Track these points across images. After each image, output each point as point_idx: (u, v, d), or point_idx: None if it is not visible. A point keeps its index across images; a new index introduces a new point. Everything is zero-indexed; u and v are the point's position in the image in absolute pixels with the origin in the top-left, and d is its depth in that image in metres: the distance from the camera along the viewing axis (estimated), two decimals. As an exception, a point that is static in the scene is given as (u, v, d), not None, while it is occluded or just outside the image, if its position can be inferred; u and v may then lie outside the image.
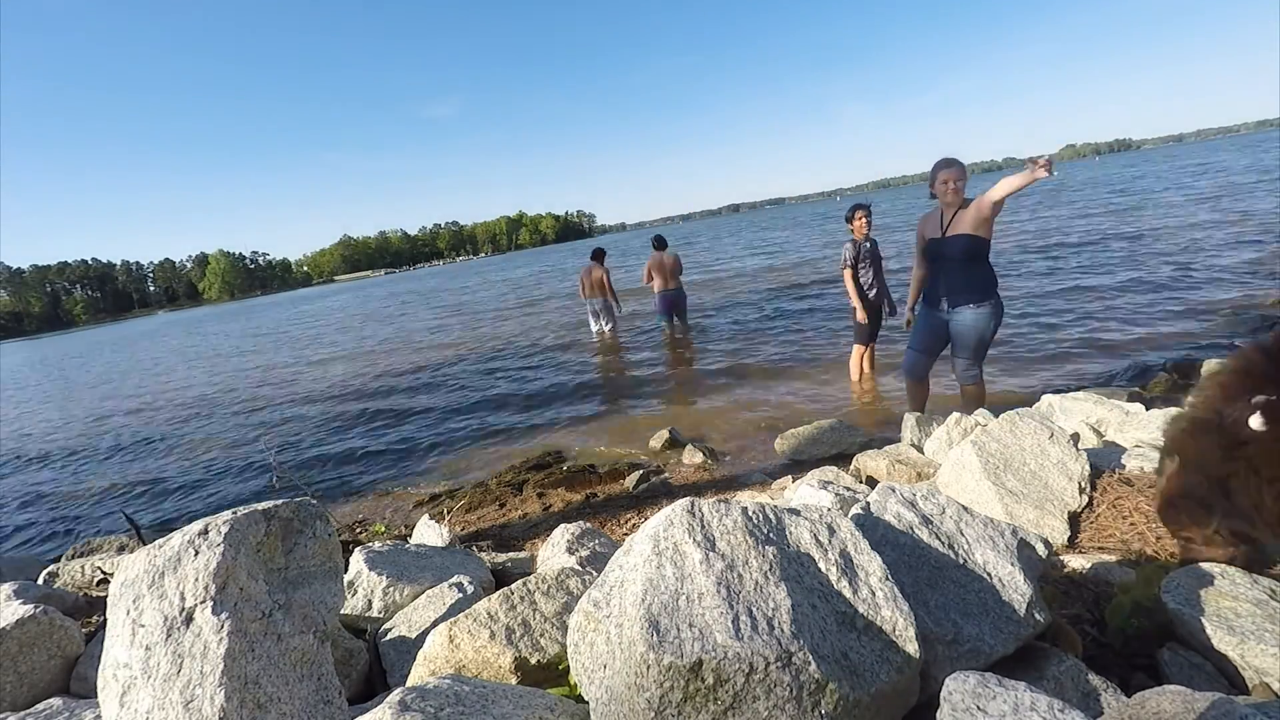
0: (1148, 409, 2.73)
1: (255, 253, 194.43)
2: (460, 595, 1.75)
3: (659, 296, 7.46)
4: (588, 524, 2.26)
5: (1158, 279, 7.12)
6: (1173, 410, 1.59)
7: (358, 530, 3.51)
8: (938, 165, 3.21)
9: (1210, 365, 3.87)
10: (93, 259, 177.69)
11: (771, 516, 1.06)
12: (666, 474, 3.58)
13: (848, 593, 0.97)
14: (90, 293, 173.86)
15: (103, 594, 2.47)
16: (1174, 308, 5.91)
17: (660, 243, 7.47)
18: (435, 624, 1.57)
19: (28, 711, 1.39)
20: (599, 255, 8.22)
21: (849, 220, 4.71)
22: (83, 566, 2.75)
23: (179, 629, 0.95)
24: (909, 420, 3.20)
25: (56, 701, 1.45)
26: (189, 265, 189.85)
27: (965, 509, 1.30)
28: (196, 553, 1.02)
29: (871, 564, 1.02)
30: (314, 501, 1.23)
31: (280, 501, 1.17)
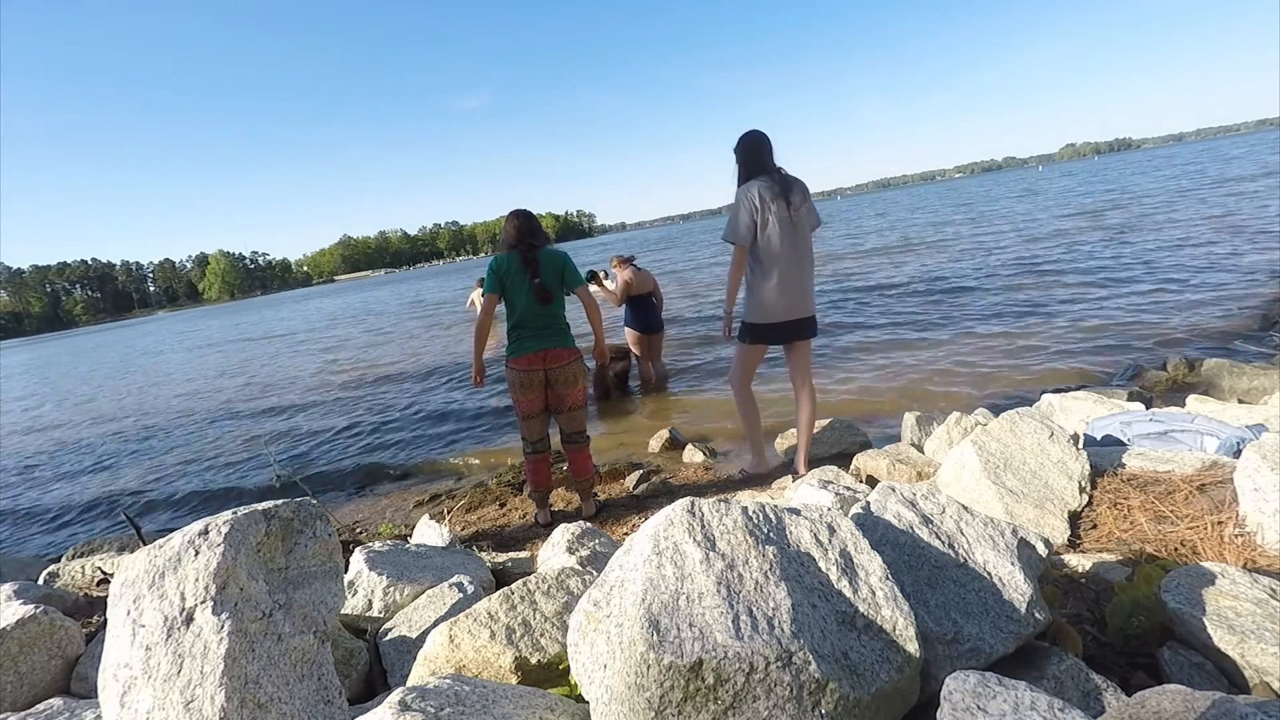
0: (1148, 408, 2.73)
1: (255, 253, 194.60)
2: (460, 595, 1.75)
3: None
4: (588, 524, 2.26)
5: (1158, 278, 7.12)
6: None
7: (358, 530, 3.51)
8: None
9: (1210, 364, 3.86)
10: (93, 259, 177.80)
11: (771, 516, 1.06)
12: (666, 474, 3.57)
13: (848, 592, 0.97)
14: (90, 293, 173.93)
15: (103, 594, 2.47)
16: (1174, 307, 5.91)
17: None
18: (435, 624, 1.57)
19: (28, 711, 1.39)
20: None
21: None
22: (83, 566, 2.75)
23: (179, 629, 0.95)
24: (909, 420, 3.20)
25: (57, 701, 1.45)
26: (189, 265, 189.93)
27: (965, 508, 1.30)
28: (197, 553, 1.02)
29: (871, 563, 1.02)
30: (314, 501, 1.23)
31: (280, 502, 1.17)
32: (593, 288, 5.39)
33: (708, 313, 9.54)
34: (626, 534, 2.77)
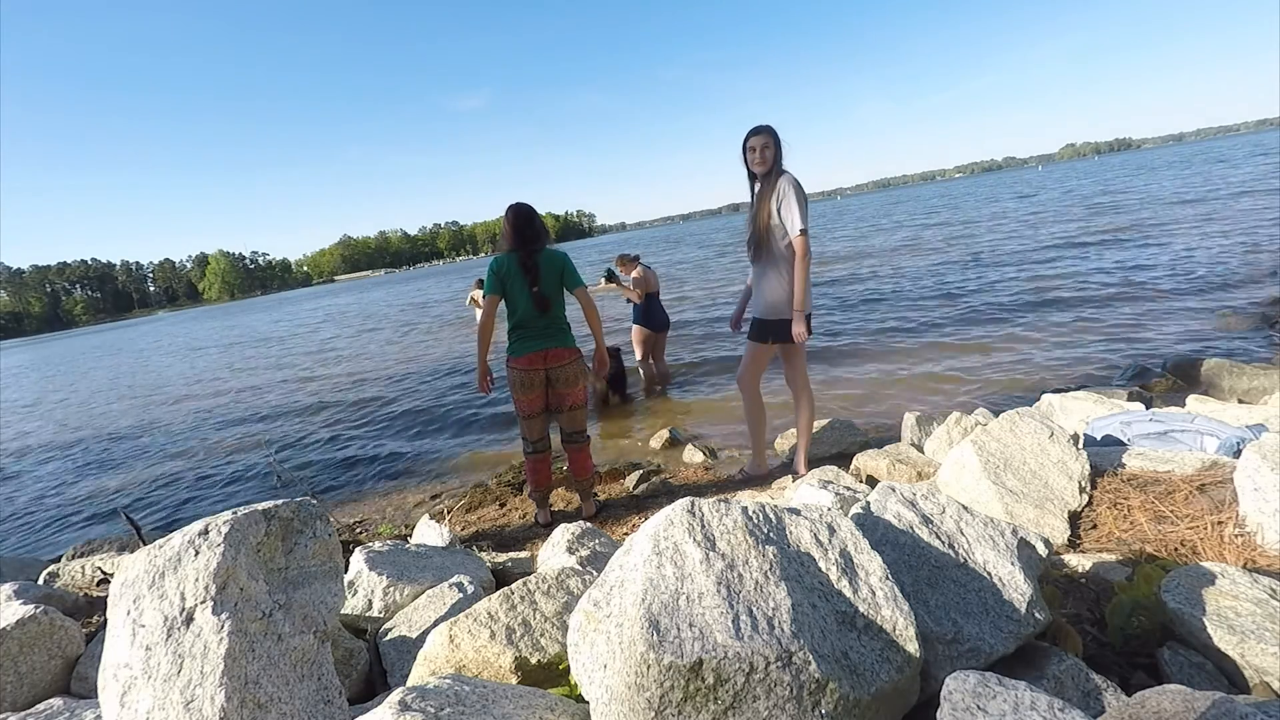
0: (1148, 408, 2.73)
1: (255, 253, 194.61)
2: (460, 595, 1.75)
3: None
4: (588, 524, 2.26)
5: (1158, 279, 7.12)
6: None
7: (358, 530, 3.52)
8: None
9: (1210, 364, 3.86)
10: (93, 259, 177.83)
11: (771, 516, 1.06)
12: (666, 474, 3.57)
13: (848, 592, 0.97)
14: (90, 293, 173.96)
15: (103, 594, 2.47)
16: (1174, 307, 5.91)
17: None
18: (435, 624, 1.57)
19: (28, 711, 1.39)
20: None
21: None
22: (83, 566, 2.75)
23: (179, 629, 0.95)
24: (909, 420, 3.20)
25: (57, 701, 1.45)
26: (189, 265, 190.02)
27: (965, 508, 1.30)
28: (197, 553, 1.02)
29: (871, 563, 1.02)
30: (314, 501, 1.23)
31: (280, 501, 1.17)
32: (611, 286, 5.44)
33: (708, 313, 9.54)
34: (626, 534, 2.77)
